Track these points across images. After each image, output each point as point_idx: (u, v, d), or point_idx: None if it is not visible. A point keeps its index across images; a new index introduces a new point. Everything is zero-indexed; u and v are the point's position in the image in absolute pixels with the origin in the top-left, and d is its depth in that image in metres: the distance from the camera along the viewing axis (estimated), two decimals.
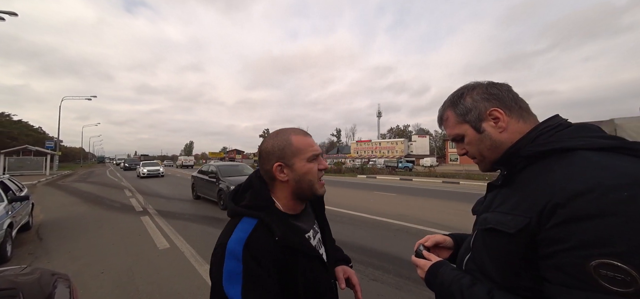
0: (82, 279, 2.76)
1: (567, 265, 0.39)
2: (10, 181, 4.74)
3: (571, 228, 0.39)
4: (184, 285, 2.69)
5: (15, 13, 11.82)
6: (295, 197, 0.67)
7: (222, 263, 0.55)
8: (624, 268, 0.35)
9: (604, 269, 0.36)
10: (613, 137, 0.47)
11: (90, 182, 14.32)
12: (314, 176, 0.65)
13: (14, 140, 32.09)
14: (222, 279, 0.54)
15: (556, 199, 0.41)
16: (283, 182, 0.65)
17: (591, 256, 0.37)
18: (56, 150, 23.69)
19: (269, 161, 0.65)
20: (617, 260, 0.35)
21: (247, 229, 0.58)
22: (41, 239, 4.30)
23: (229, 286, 0.53)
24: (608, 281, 0.36)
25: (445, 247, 0.71)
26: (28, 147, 21.71)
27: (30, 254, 3.67)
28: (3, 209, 3.59)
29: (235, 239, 0.57)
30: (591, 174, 0.40)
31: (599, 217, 0.37)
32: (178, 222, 5.22)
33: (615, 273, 0.35)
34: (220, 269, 0.55)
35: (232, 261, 0.55)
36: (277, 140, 0.66)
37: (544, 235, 0.42)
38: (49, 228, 4.89)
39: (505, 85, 0.59)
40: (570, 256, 0.39)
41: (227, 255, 0.55)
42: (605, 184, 0.38)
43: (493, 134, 0.55)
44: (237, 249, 0.55)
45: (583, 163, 0.43)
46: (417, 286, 2.58)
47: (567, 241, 0.39)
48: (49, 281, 1.24)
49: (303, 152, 0.64)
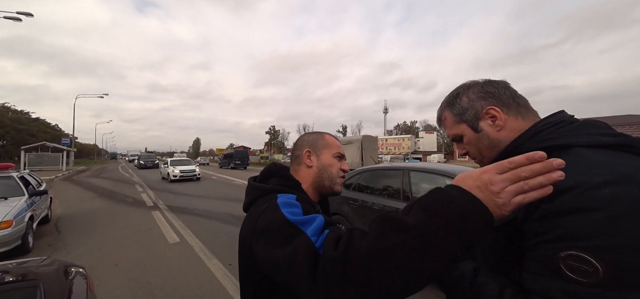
0: (97, 272, 2.88)
1: (541, 256, 0.41)
2: (30, 176, 4.97)
3: (552, 222, 0.40)
4: (193, 278, 2.76)
5: (31, 14, 12.23)
6: (315, 188, 0.72)
7: (279, 209, 0.54)
8: (589, 260, 0.36)
9: (570, 260, 0.37)
10: (617, 134, 0.46)
11: (104, 177, 14.85)
12: (336, 171, 0.72)
13: (33, 137, 33.58)
14: (285, 215, 0.52)
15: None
16: (308, 168, 0.72)
17: (563, 248, 0.38)
18: (72, 147, 24.64)
19: (301, 147, 0.74)
20: (584, 252, 0.36)
21: (291, 196, 0.60)
22: (59, 231, 4.50)
23: (293, 217, 0.52)
24: (571, 271, 0.37)
25: None
26: (46, 144, 22.64)
27: (50, 245, 3.85)
28: (24, 203, 3.77)
29: (284, 198, 0.58)
30: (580, 171, 0.40)
31: (580, 212, 0.38)
32: (187, 217, 5.35)
33: (581, 264, 0.37)
34: (279, 212, 0.53)
35: (289, 207, 0.55)
36: (312, 135, 0.77)
37: (527, 228, 0.43)
38: (67, 221, 5.11)
39: (503, 82, 0.58)
40: (546, 247, 0.40)
41: (282, 205, 0.55)
42: (591, 181, 0.39)
43: (491, 132, 0.55)
44: (290, 201, 0.57)
45: (576, 160, 0.42)
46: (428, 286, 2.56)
47: (546, 233, 0.40)
48: (67, 273, 1.29)
49: (331, 148, 0.74)
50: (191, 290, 2.53)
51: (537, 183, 0.37)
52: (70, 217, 5.42)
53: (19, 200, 3.79)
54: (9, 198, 3.82)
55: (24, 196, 3.96)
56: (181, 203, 6.88)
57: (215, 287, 2.59)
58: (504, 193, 0.38)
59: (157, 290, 2.53)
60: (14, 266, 1.40)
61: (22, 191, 4.05)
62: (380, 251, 0.39)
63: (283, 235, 0.50)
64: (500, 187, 0.38)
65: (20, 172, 4.66)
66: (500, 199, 0.38)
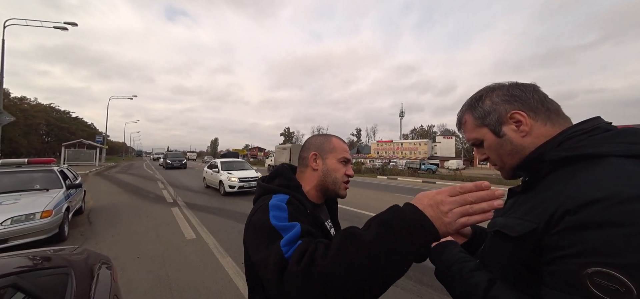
0: (121, 262, 3.09)
1: (564, 271, 0.38)
2: (68, 170, 5.48)
3: (576, 235, 0.37)
4: (207, 274, 2.86)
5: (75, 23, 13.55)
6: (319, 189, 0.74)
7: (267, 212, 0.59)
8: (621, 279, 0.34)
9: (598, 277, 0.35)
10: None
11: (130, 174, 15.95)
12: (340, 176, 0.73)
13: (72, 134, 37.07)
14: (269, 219, 0.58)
15: (567, 206, 0.39)
16: (314, 171, 0.74)
17: (590, 264, 0.36)
18: (104, 144, 26.79)
19: (308, 149, 0.76)
20: (616, 270, 0.34)
21: (283, 198, 0.64)
22: (91, 223, 4.89)
23: (276, 221, 0.57)
24: (600, 290, 0.35)
25: (461, 233, 0.70)
26: (82, 141, 24.86)
27: (82, 235, 4.20)
28: (62, 195, 4.15)
29: (276, 199, 0.63)
30: (612, 183, 0.38)
31: (608, 227, 0.35)
32: (204, 214, 5.57)
33: (610, 282, 0.34)
34: (266, 215, 0.59)
35: (276, 210, 0.60)
36: (320, 137, 0.77)
37: (548, 240, 0.41)
38: (97, 214, 5.55)
39: (531, 85, 0.54)
40: (569, 262, 0.38)
41: (271, 207, 0.60)
42: (623, 193, 0.36)
43: (514, 138, 0.52)
44: (280, 204, 0.61)
45: (608, 171, 0.40)
46: (439, 294, 2.44)
47: (569, 247, 0.38)
48: (95, 262, 1.40)
49: (337, 153, 0.74)
50: (205, 286, 2.62)
51: (480, 208, 0.43)
52: (100, 210, 5.87)
53: (58, 192, 4.18)
54: (50, 190, 4.23)
55: (62, 188, 4.37)
56: (198, 200, 7.19)
57: (228, 284, 2.67)
58: (451, 214, 0.44)
59: (174, 283, 2.65)
60: (51, 253, 1.55)
61: (61, 184, 4.47)
62: (339, 266, 0.44)
63: (264, 238, 0.56)
64: (448, 208, 0.44)
65: (60, 167, 5.14)
66: (447, 218, 0.44)
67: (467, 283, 0.50)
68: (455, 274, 0.53)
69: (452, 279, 0.54)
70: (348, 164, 0.75)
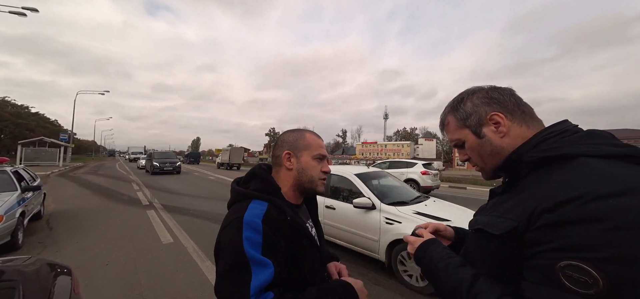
0: (87, 271, 2.82)
1: (541, 265, 0.40)
2: (24, 170, 4.91)
3: (553, 231, 0.39)
4: (185, 280, 2.70)
5: (36, 9, 12.26)
6: (296, 189, 0.71)
7: (241, 231, 0.57)
8: (589, 271, 0.35)
9: (570, 270, 0.37)
10: (623, 144, 0.45)
11: (101, 174, 14.73)
12: (317, 174, 0.70)
13: (31, 131, 33.44)
14: (242, 243, 0.56)
15: (546, 204, 0.41)
16: (288, 170, 0.70)
17: (563, 258, 0.38)
18: (70, 142, 24.50)
19: (281, 147, 0.72)
20: (585, 263, 0.36)
21: (261, 208, 0.62)
22: (51, 229, 4.42)
23: (249, 248, 0.56)
24: (571, 281, 0.37)
25: (444, 237, 0.71)
26: (43, 139, 22.51)
27: (40, 243, 3.78)
28: (15, 199, 3.70)
29: (252, 214, 0.60)
30: (586, 181, 0.40)
31: (583, 223, 0.37)
32: (183, 217, 5.28)
33: (580, 274, 0.36)
34: (239, 236, 0.57)
35: (251, 231, 0.57)
36: (293, 133, 0.73)
37: (529, 237, 0.43)
38: (60, 219, 5.03)
39: (508, 89, 0.57)
40: (545, 256, 0.40)
41: (245, 226, 0.58)
42: (596, 191, 0.38)
43: (494, 139, 0.54)
44: (255, 222, 0.59)
45: (582, 170, 0.42)
46: (421, 296, 2.51)
47: (547, 243, 0.40)
48: (49, 273, 1.25)
49: (312, 150, 0.71)
50: (182, 292, 2.47)
51: None
52: (63, 214, 5.34)
53: (10, 195, 3.73)
54: (1, 193, 3.76)
55: (16, 191, 3.90)
56: (177, 203, 6.80)
57: (208, 290, 2.53)
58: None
59: (147, 291, 2.47)
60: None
61: (15, 186, 3.99)
62: None
63: (233, 266, 0.55)
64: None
65: (14, 167, 4.60)
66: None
67: (453, 279, 0.51)
68: (441, 271, 0.54)
69: (439, 276, 0.55)
70: (324, 160, 0.72)
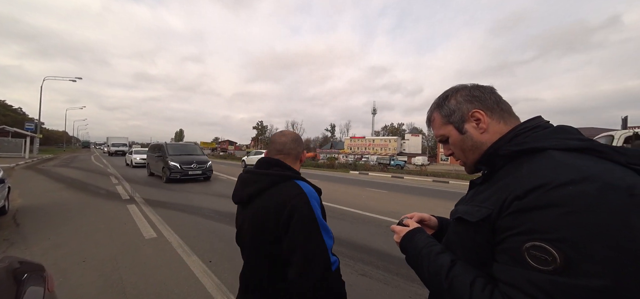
0: (62, 268, 2.66)
1: (509, 248, 0.44)
2: None
3: (522, 217, 0.44)
4: (170, 275, 2.63)
5: None
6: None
7: (309, 201, 0.78)
8: (549, 250, 0.40)
9: (534, 250, 0.41)
10: (584, 139, 0.50)
11: (74, 167, 13.76)
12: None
13: None
14: (314, 211, 0.77)
15: (516, 192, 0.45)
16: (300, 164, 0.96)
17: (528, 240, 0.42)
18: (37, 132, 22.55)
19: (302, 146, 0.97)
20: (546, 243, 0.40)
21: (308, 186, 0.82)
22: (18, 224, 4.09)
23: (320, 217, 0.78)
24: (534, 260, 0.41)
25: (428, 226, 0.76)
26: (5, 128, 20.57)
27: (6, 240, 3.49)
28: None
29: (309, 190, 0.81)
30: (550, 171, 0.44)
31: (546, 208, 0.41)
32: (167, 211, 5.09)
33: (542, 253, 0.40)
34: (309, 205, 0.77)
35: (315, 201, 0.80)
36: (299, 137, 0.98)
37: (501, 223, 0.46)
38: (28, 214, 4.67)
39: (489, 87, 0.61)
40: (514, 240, 0.44)
41: (310, 196, 0.79)
42: (558, 179, 0.42)
43: (474, 134, 0.58)
44: (315, 195, 0.82)
45: (548, 161, 0.46)
46: (406, 281, 2.63)
47: (516, 227, 0.44)
48: (20, 271, 1.16)
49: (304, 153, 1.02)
50: (167, 288, 2.41)
51: None
52: (32, 209, 4.95)
53: None
54: None
55: None
56: (160, 196, 6.54)
57: (193, 284, 2.49)
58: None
59: (129, 288, 2.38)
60: None
61: None
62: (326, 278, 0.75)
63: (311, 230, 0.75)
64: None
65: None
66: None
67: (434, 264, 0.55)
68: (424, 258, 0.58)
69: (421, 263, 0.58)
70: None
